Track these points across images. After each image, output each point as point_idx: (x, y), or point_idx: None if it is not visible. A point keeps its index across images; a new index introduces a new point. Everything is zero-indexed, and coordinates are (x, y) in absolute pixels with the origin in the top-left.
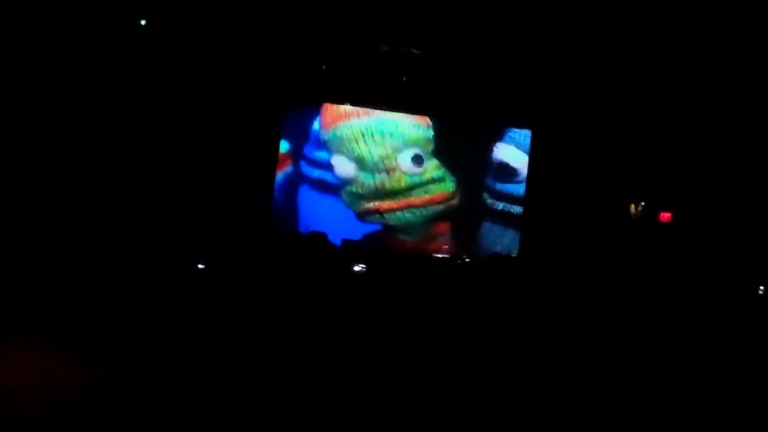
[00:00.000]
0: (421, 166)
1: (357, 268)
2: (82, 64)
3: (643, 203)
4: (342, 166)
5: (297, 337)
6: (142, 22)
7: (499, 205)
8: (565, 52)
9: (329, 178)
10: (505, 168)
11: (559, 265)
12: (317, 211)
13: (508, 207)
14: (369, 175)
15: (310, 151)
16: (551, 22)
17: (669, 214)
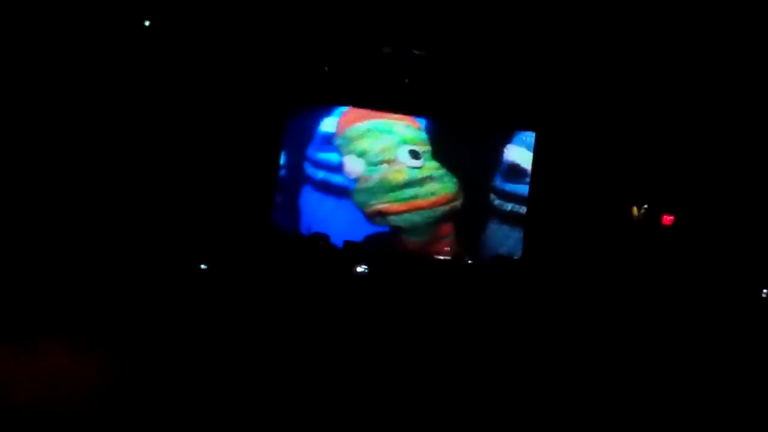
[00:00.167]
0: (418, 160)
1: (359, 270)
2: (84, 66)
3: (645, 206)
4: (351, 165)
5: (298, 339)
6: (146, 23)
7: (507, 206)
8: (569, 54)
9: (335, 180)
10: (515, 169)
11: (561, 267)
12: (320, 213)
13: (516, 207)
14: (372, 168)
15: (315, 152)
16: (555, 24)
17: (671, 217)
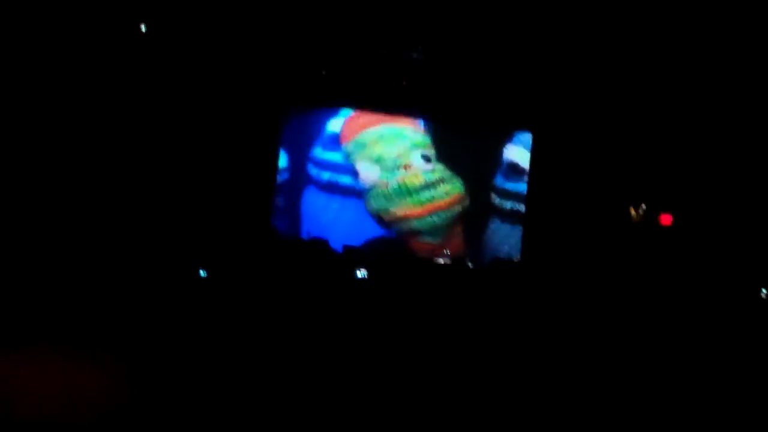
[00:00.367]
0: (430, 164)
1: (359, 275)
2: (80, 69)
3: (643, 205)
4: (366, 171)
5: (297, 345)
6: (143, 28)
7: (507, 205)
8: (565, 54)
9: (342, 180)
10: (514, 167)
11: (560, 269)
12: (323, 215)
13: (516, 206)
14: (390, 173)
15: (320, 152)
16: (550, 24)
17: (670, 217)
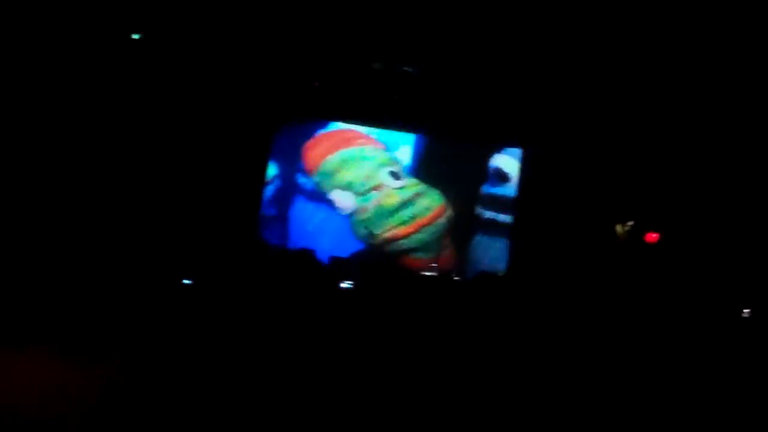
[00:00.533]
0: (401, 180)
1: (344, 286)
2: (69, 76)
3: (630, 223)
4: (341, 199)
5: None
6: (135, 37)
7: (490, 214)
8: (556, 71)
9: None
10: (499, 173)
11: (545, 284)
12: (310, 224)
13: (499, 215)
14: (364, 198)
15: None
16: (543, 41)
17: (656, 235)
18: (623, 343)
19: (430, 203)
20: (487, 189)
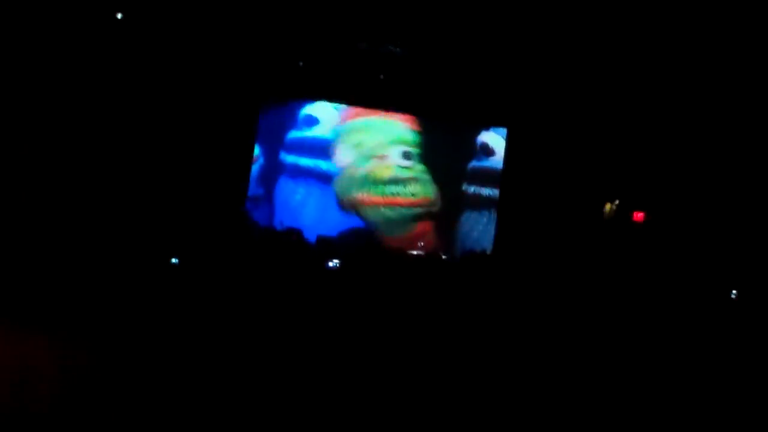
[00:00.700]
0: (409, 161)
1: (331, 264)
2: (54, 58)
3: (617, 201)
4: (343, 154)
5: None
6: (119, 16)
7: (475, 188)
8: (542, 53)
9: (315, 164)
10: (485, 148)
11: (531, 263)
12: (294, 201)
13: (485, 189)
14: (364, 160)
15: (294, 134)
16: (527, 21)
17: (642, 214)
18: (610, 320)
19: (419, 191)
20: (473, 164)
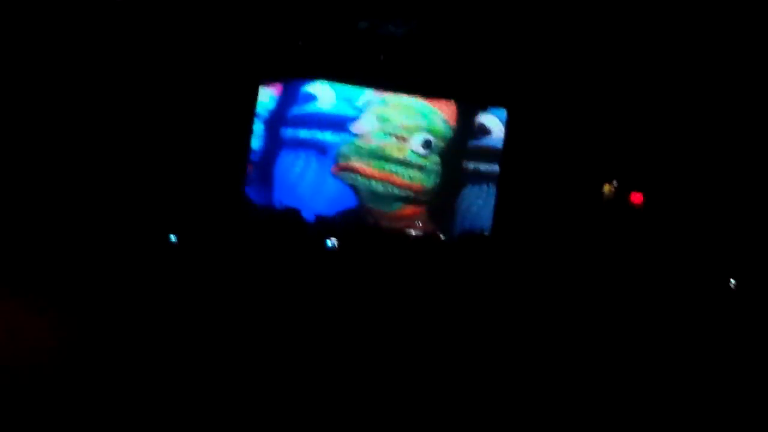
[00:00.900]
0: (426, 151)
1: (330, 244)
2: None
3: (615, 182)
4: (365, 123)
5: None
6: None
7: (474, 165)
8: (541, 33)
9: (311, 133)
10: (482, 128)
11: (530, 244)
12: (293, 179)
13: (483, 165)
14: (383, 136)
15: (295, 110)
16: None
17: (641, 195)
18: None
19: (417, 178)
20: (472, 143)
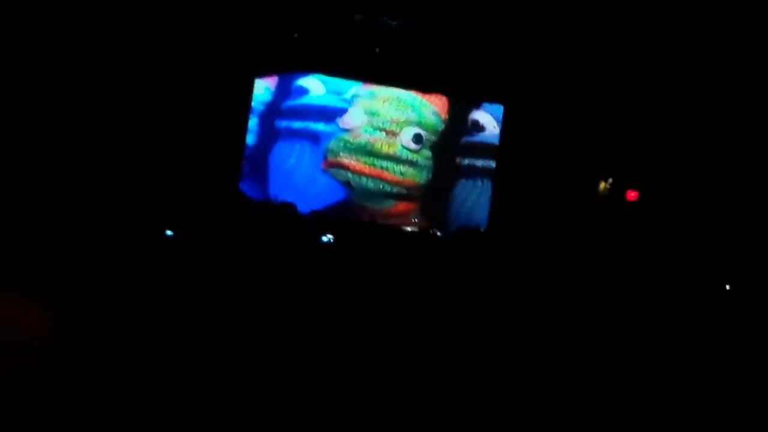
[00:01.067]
0: (417, 145)
1: (325, 239)
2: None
3: (611, 180)
4: (353, 117)
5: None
6: None
7: (468, 161)
8: (538, 29)
9: (313, 127)
10: (476, 124)
11: (525, 241)
12: (287, 170)
13: (477, 160)
14: (371, 130)
15: (289, 102)
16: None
17: (636, 193)
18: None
19: (408, 174)
20: (465, 139)
